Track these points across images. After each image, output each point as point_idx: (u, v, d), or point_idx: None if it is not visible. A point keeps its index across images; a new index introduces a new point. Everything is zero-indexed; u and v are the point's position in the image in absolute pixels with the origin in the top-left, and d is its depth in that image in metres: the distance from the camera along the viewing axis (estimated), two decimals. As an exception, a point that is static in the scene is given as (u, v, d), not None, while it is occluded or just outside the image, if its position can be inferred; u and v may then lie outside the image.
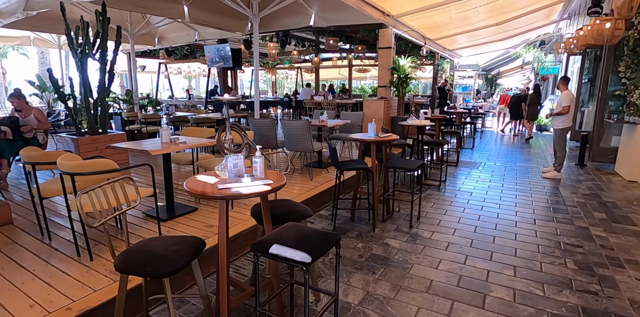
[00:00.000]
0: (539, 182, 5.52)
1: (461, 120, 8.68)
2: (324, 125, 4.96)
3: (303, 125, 4.51)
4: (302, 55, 13.53)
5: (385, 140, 3.69)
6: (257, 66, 6.11)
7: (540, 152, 8.17)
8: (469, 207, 4.33)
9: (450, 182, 5.51)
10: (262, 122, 4.91)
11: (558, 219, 3.95)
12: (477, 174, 6.03)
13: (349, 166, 3.55)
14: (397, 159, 3.86)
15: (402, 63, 6.71)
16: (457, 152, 6.95)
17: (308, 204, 4.10)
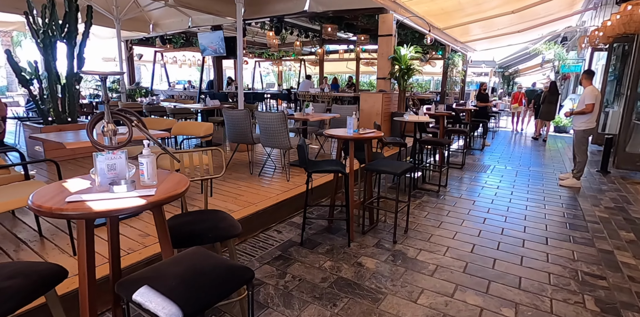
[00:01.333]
0: (554, 190, 4.81)
1: (471, 118, 7.94)
2: (306, 119, 4.34)
3: (278, 118, 3.91)
4: (305, 47, 12.90)
5: (365, 137, 3.06)
6: (240, 55, 5.52)
7: (557, 156, 7.39)
8: (469, 220, 3.67)
9: (452, 187, 4.85)
10: (236, 114, 4.32)
11: (576, 239, 3.26)
12: (484, 178, 5.34)
13: (319, 167, 2.93)
14: (381, 160, 3.23)
15: (404, 52, 6.02)
16: (464, 153, 6.26)
17: (278, 209, 3.51)
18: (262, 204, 3.39)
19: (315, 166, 2.96)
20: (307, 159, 3.03)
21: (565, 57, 14.46)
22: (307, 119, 4.31)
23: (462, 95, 12.25)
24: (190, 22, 9.07)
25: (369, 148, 3.26)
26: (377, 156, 3.54)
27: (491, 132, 10.48)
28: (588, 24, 11.08)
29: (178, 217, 1.88)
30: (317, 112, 5.58)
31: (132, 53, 11.73)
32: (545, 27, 9.56)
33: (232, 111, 4.36)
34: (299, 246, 3.04)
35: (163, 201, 1.29)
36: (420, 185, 4.90)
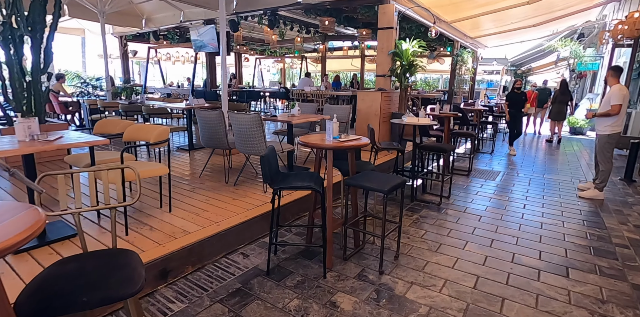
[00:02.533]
0: (573, 203, 4.21)
1: (480, 119, 7.33)
2: (288, 121, 3.82)
3: (252, 120, 3.39)
4: (308, 44, 12.37)
5: (346, 146, 2.52)
6: (224, 50, 5.02)
7: (574, 161, 6.74)
8: (474, 241, 3.11)
9: (456, 198, 4.28)
10: (209, 116, 3.82)
11: (603, 270, 2.69)
12: (493, 188, 4.76)
13: (288, 184, 2.41)
14: (368, 173, 2.69)
15: (405, 47, 5.45)
16: (471, 157, 5.67)
17: (248, 228, 2.99)
18: (226, 222, 2.88)
19: (283, 181, 2.44)
20: (278, 171, 2.51)
21: (582, 55, 13.69)
22: (290, 121, 3.78)
23: (471, 94, 11.59)
24: (182, 16, 8.62)
25: (352, 158, 2.72)
26: (363, 167, 3.01)
27: (501, 134, 9.83)
28: (609, 17, 10.33)
29: (61, 264, 1.37)
30: (307, 112, 5.05)
31: (127, 49, 11.33)
32: (562, 21, 8.86)
33: (204, 112, 3.86)
34: (265, 276, 2.52)
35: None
36: (419, 196, 4.34)
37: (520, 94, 6.83)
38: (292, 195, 3.47)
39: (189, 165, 4.81)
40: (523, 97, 6.83)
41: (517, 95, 6.84)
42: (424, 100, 8.17)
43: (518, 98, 6.83)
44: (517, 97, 6.83)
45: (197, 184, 3.90)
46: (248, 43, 13.31)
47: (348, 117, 4.75)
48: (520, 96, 6.81)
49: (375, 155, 3.97)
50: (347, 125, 4.73)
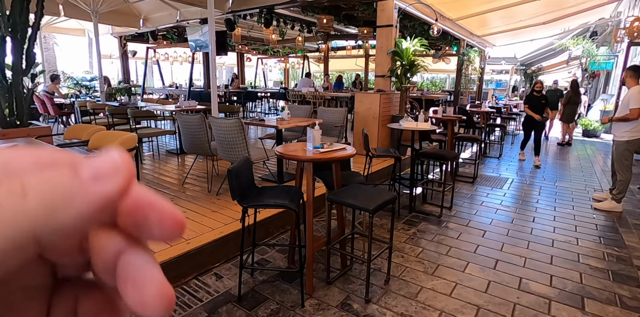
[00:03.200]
0: (587, 216, 3.84)
1: (487, 121, 6.96)
2: (274, 127, 3.52)
3: (233, 126, 3.10)
4: (310, 43, 12.08)
5: (329, 158, 2.22)
6: (213, 51, 4.76)
7: (587, 166, 6.34)
8: (476, 262, 2.78)
9: (459, 209, 3.95)
10: (189, 120, 3.55)
11: (624, 301, 2.34)
12: (499, 197, 4.41)
13: (258, 202, 2.11)
14: (354, 187, 2.38)
15: (406, 46, 5.12)
16: (476, 163, 5.31)
17: (224, 245, 2.71)
18: (198, 240, 2.59)
19: (255, 198, 2.14)
20: (252, 185, 2.22)
21: (595, 54, 13.19)
22: (276, 126, 3.49)
23: (479, 95, 11.19)
24: (178, 15, 8.40)
25: (336, 170, 2.41)
26: (351, 178, 2.70)
27: (510, 136, 9.43)
28: (624, 14, 9.86)
29: None
30: (300, 115, 4.76)
31: (127, 50, 11.17)
32: (574, 18, 8.43)
33: (185, 116, 3.59)
34: (236, 303, 2.23)
35: None
36: (419, 206, 4.02)
37: (540, 97, 6.06)
38: (254, 218, 3.18)
39: (175, 170, 4.55)
40: (543, 100, 6.06)
41: (536, 98, 6.08)
42: (428, 101, 7.81)
43: (537, 101, 6.06)
44: (537, 101, 6.07)
45: (178, 193, 3.63)
46: (250, 43, 13.09)
47: (343, 121, 4.45)
48: (539, 99, 6.05)
49: (370, 162, 3.66)
50: (342, 129, 4.42)
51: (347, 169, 2.97)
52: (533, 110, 6.02)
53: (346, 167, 2.96)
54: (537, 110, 5.98)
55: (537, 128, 6.20)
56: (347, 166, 2.98)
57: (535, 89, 6.10)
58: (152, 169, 4.61)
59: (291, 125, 3.61)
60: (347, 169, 2.96)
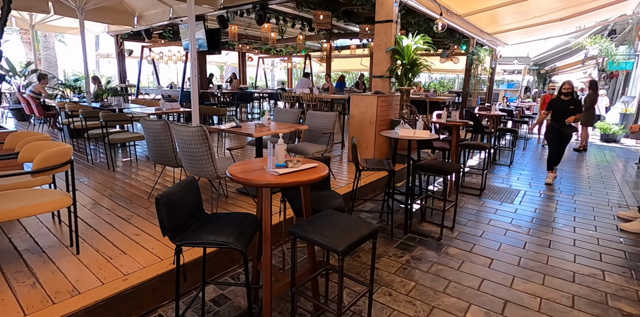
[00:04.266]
0: (613, 240, 3.30)
1: (497, 125, 6.41)
2: (248, 135, 3.06)
3: (195, 134, 2.65)
4: (311, 42, 11.62)
5: (291, 182, 1.73)
6: (193, 48, 4.33)
7: (608, 176, 5.75)
8: (480, 305, 2.28)
9: (462, 230, 3.44)
10: (152, 126, 3.11)
11: (672, 367, 1.82)
12: (510, 214, 3.89)
13: (195, 239, 1.65)
14: (327, 215, 1.90)
15: (407, 43, 4.62)
16: (483, 174, 4.77)
17: (173, 279, 2.25)
18: (138, 275, 2.14)
19: (192, 233, 1.68)
20: (196, 213, 1.76)
21: (613, 53, 12.50)
22: (250, 134, 3.03)
23: (489, 96, 10.60)
24: (171, 12, 8.02)
25: (305, 194, 1.94)
26: (325, 202, 2.22)
27: (522, 140, 8.83)
28: (648, 10, 9.19)
29: None
30: (286, 120, 4.30)
31: (123, 49, 10.86)
32: (594, 14, 7.81)
33: (149, 122, 3.15)
34: (173, 362, 1.78)
35: None
36: (415, 226, 3.52)
37: (569, 101, 4.82)
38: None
39: (148, 181, 4.12)
40: (572, 105, 4.79)
41: (563, 103, 4.86)
42: (433, 104, 7.29)
43: (564, 107, 4.83)
44: (564, 106, 4.84)
45: (139, 209, 3.20)
46: (250, 41, 12.68)
47: (333, 127, 3.97)
48: (567, 104, 4.81)
49: (359, 176, 3.17)
50: (331, 137, 3.94)
51: (325, 187, 2.49)
52: (557, 118, 4.88)
53: (324, 186, 2.48)
54: (563, 118, 4.83)
55: (565, 141, 5.00)
56: (325, 184, 2.50)
57: (563, 91, 4.87)
58: (122, 179, 4.19)
59: (267, 133, 3.14)
60: (324, 187, 2.48)
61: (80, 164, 4.80)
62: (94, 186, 3.91)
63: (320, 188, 2.44)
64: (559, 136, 4.97)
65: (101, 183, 4.00)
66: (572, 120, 4.80)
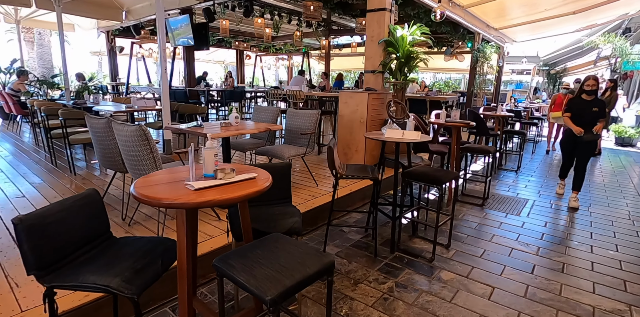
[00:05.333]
0: (639, 263, 2.79)
1: (503, 127, 5.89)
2: (201, 134, 2.60)
3: (134, 135, 2.20)
4: (310, 39, 11.16)
5: (214, 201, 1.26)
6: (162, 43, 3.91)
7: (626, 184, 5.21)
8: (474, 352, 1.79)
9: (460, 248, 2.94)
10: (95, 125, 2.67)
11: None
12: (516, 229, 3.38)
13: (68, 281, 1.19)
14: (271, 242, 1.44)
15: (400, 33, 4.13)
16: (486, 181, 4.25)
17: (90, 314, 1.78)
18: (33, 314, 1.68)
19: (73, 271, 1.22)
20: (84, 237, 1.30)
21: (628, 52, 11.88)
22: (204, 134, 2.56)
23: (495, 96, 10.04)
24: (158, 5, 7.61)
25: (243, 212, 1.47)
26: (276, 222, 1.75)
27: (532, 143, 8.27)
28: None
29: None
30: (264, 119, 3.84)
31: (114, 45, 10.50)
32: (610, 7, 7.24)
33: (92, 119, 2.71)
34: None
35: None
36: (406, 241, 3.03)
37: (592, 102, 3.87)
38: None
39: (103, 189, 3.68)
40: (596, 107, 3.83)
41: (585, 104, 3.89)
42: (434, 103, 6.79)
43: (586, 109, 3.87)
44: (585, 107, 3.88)
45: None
46: (247, 39, 12.26)
47: (314, 127, 3.49)
48: (590, 105, 3.85)
49: (336, 184, 2.70)
50: (312, 138, 3.47)
51: (283, 201, 2.01)
52: (576, 121, 3.93)
53: (283, 199, 2.01)
54: (584, 122, 3.88)
55: (583, 151, 3.99)
56: (283, 197, 2.02)
57: (586, 88, 3.86)
58: (79, 183, 3.76)
59: (230, 133, 2.68)
60: (283, 201, 2.00)
61: (42, 166, 4.39)
62: (43, 190, 3.48)
63: (277, 202, 1.97)
64: (576, 145, 4.00)
65: (52, 187, 3.57)
66: (599, 130, 3.85)
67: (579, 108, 3.97)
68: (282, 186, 1.97)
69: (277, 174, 1.93)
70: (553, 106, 7.18)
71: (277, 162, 2.47)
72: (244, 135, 4.14)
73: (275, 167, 1.94)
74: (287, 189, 2.01)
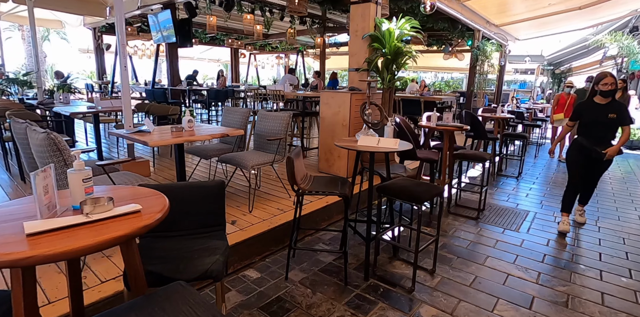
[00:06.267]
0: (659, 295, 2.36)
1: (503, 130, 5.45)
2: (143, 143, 2.21)
3: (43, 144, 1.81)
4: (305, 37, 10.78)
5: (59, 253, 0.86)
6: (122, 38, 3.50)
7: (637, 193, 4.76)
8: None
9: (446, 274, 2.53)
10: (17, 129, 2.28)
11: None
12: (514, 248, 2.96)
13: None
14: (155, 300, 1.04)
15: (387, 27, 3.72)
16: (481, 191, 3.81)
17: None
18: None
19: None
20: None
21: (636, 51, 11.41)
22: (145, 141, 2.17)
23: (497, 97, 9.60)
24: (140, 1, 7.24)
25: (129, 256, 1.07)
26: (187, 262, 1.34)
27: (535, 146, 7.82)
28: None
29: None
30: (232, 122, 3.44)
31: (101, 43, 10.14)
32: (619, 2, 6.79)
33: (16, 123, 2.32)
34: None
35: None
36: (384, 265, 2.62)
37: (608, 106, 3.01)
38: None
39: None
40: (614, 113, 2.97)
41: (599, 109, 3.03)
42: (429, 104, 6.35)
43: (600, 115, 3.02)
44: (600, 113, 3.02)
45: None
46: (241, 37, 11.88)
47: (284, 132, 3.09)
48: (606, 111, 2.99)
49: (299, 201, 2.29)
50: (282, 144, 3.06)
51: (213, 227, 1.60)
52: (587, 132, 3.09)
53: (212, 226, 1.60)
54: (597, 134, 3.04)
55: (599, 168, 3.20)
56: (214, 223, 1.61)
57: (602, 89, 2.96)
58: (23, 192, 3.38)
59: (169, 142, 2.27)
60: (211, 227, 1.59)
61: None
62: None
63: (203, 231, 1.56)
64: (589, 160, 3.13)
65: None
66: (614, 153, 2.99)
67: (591, 115, 3.05)
68: (212, 210, 1.57)
69: (204, 196, 1.52)
70: (556, 107, 6.61)
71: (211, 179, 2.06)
72: (212, 139, 3.74)
73: (201, 188, 1.54)
74: (219, 215, 1.60)
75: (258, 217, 2.84)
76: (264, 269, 2.50)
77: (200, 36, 11.50)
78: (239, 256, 2.48)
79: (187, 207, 1.54)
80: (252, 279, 2.37)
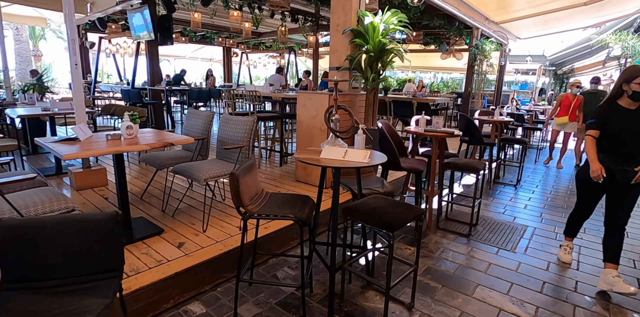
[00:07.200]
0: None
1: (500, 134, 5.06)
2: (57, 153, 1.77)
3: None
4: (298, 35, 10.40)
5: None
6: (73, 33, 3.14)
7: (648, 205, 4.35)
8: None
9: (426, 310, 2.14)
10: None
11: None
12: (509, 274, 2.57)
13: None
14: None
15: (370, 20, 3.34)
16: (473, 204, 3.41)
17: None
18: None
19: None
20: None
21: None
22: (59, 153, 1.78)
23: (497, 98, 9.20)
24: (118, -4, 6.88)
25: None
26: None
27: (535, 150, 7.42)
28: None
29: None
30: (195, 127, 3.06)
31: (84, 41, 9.79)
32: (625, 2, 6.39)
33: None
34: None
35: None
36: (354, 296, 2.22)
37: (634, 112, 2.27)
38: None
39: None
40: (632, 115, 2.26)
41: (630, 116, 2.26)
42: (421, 106, 5.93)
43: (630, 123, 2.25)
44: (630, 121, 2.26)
45: None
46: (232, 35, 11.50)
47: (247, 139, 2.70)
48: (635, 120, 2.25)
49: (244, 226, 1.91)
50: (242, 153, 2.68)
51: (99, 275, 1.22)
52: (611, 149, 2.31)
53: (95, 271, 1.21)
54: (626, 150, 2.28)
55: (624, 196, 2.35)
56: (99, 270, 1.23)
57: (636, 88, 2.17)
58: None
59: (89, 154, 1.90)
60: (95, 275, 1.21)
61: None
62: None
63: (84, 280, 1.18)
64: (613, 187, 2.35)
65: None
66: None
67: (620, 124, 2.26)
68: (104, 249, 1.19)
69: (93, 232, 1.14)
70: (559, 109, 6.05)
71: (103, 211, 1.69)
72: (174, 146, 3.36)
73: (86, 222, 1.16)
74: (115, 256, 1.22)
75: (212, 239, 2.46)
76: (212, 302, 2.12)
77: (190, 34, 11.13)
78: (182, 287, 2.09)
79: (69, 247, 1.17)
80: (194, 316, 1.99)
